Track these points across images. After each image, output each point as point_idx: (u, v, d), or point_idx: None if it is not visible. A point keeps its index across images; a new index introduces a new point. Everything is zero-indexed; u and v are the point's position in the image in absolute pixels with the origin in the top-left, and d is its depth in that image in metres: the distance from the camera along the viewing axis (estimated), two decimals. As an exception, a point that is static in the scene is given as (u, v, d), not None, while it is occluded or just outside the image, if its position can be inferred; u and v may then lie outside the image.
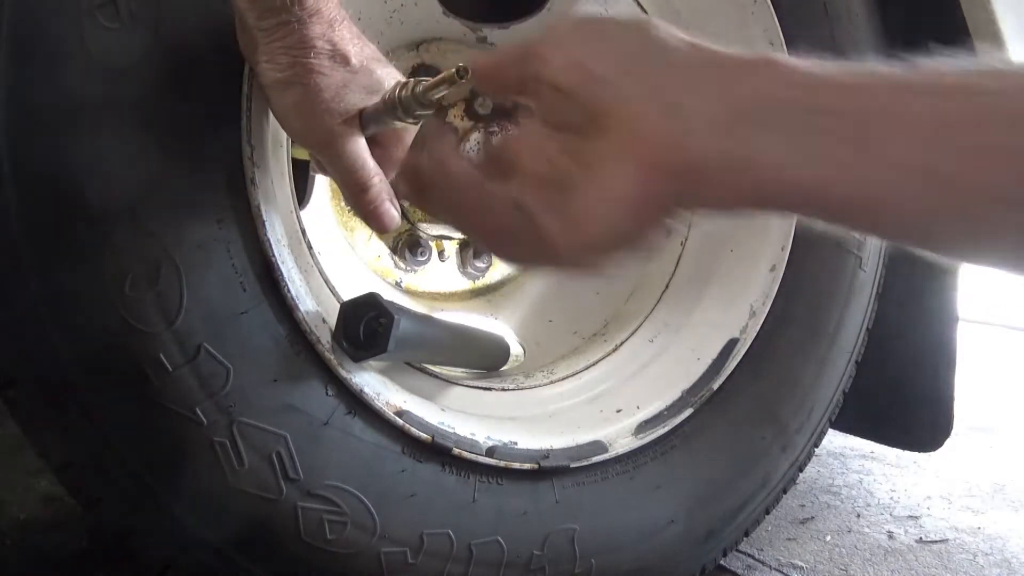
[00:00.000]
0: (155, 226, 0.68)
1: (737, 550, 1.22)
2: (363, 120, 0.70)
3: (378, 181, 0.72)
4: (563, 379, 1.11)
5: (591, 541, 0.93)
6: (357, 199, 0.73)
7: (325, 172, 0.79)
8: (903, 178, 0.38)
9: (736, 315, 1.09)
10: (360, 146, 0.71)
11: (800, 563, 1.28)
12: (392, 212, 0.74)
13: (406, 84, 0.67)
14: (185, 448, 0.71)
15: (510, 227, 0.47)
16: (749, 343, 1.07)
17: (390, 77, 0.71)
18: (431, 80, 0.63)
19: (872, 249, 1.14)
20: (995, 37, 1.07)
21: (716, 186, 0.43)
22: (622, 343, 1.15)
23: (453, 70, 0.58)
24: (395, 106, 0.67)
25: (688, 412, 1.02)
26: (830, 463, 1.83)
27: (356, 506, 0.78)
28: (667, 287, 1.18)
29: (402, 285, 1.12)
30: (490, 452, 0.87)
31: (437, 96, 0.66)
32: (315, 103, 0.67)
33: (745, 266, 1.11)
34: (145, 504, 0.72)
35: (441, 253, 1.16)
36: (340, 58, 0.67)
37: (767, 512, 1.12)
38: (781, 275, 1.08)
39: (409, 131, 0.76)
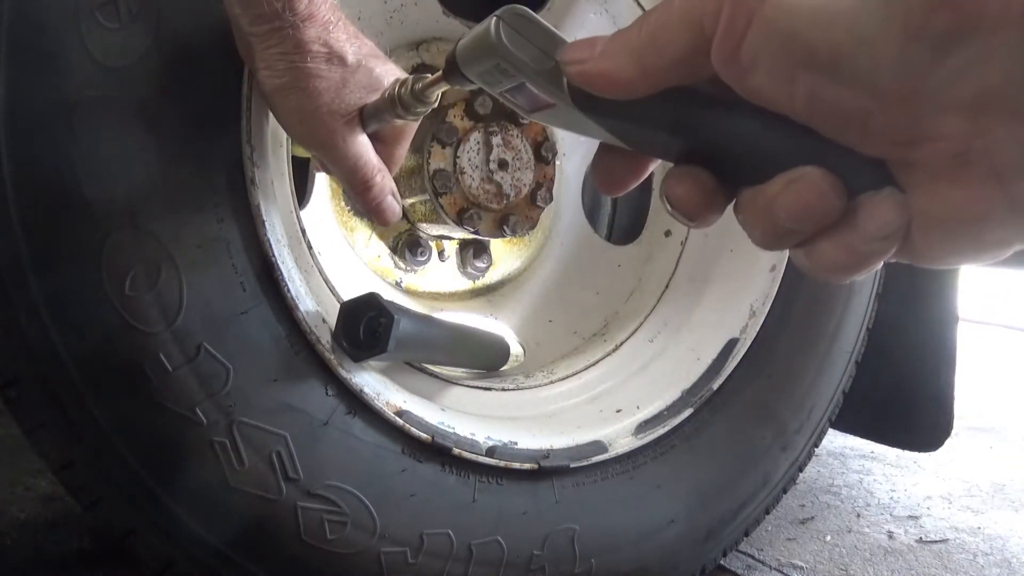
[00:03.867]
0: (155, 226, 0.68)
1: (737, 550, 1.22)
2: (364, 117, 0.70)
3: (380, 179, 0.73)
4: (563, 379, 1.11)
5: (591, 541, 0.93)
6: (361, 196, 0.74)
7: (329, 171, 0.79)
8: None
9: (736, 315, 1.09)
10: (362, 144, 0.71)
11: (800, 563, 1.28)
12: (395, 207, 0.76)
13: (405, 82, 0.67)
14: (185, 448, 0.71)
15: None
16: (749, 343, 1.07)
17: (389, 74, 0.71)
18: (430, 77, 0.63)
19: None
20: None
21: None
22: (622, 343, 1.15)
23: None
24: (395, 103, 0.67)
25: (688, 412, 1.02)
26: (830, 463, 1.83)
27: (356, 506, 0.78)
28: (667, 287, 1.19)
29: (402, 285, 1.12)
30: (490, 452, 0.87)
31: (436, 93, 0.66)
32: (315, 106, 0.67)
33: (745, 266, 1.11)
34: (145, 504, 0.72)
35: (441, 253, 1.16)
36: (337, 59, 0.67)
37: (767, 512, 1.12)
38: (781, 275, 1.08)
39: (410, 127, 0.76)
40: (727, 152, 0.40)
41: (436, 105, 0.69)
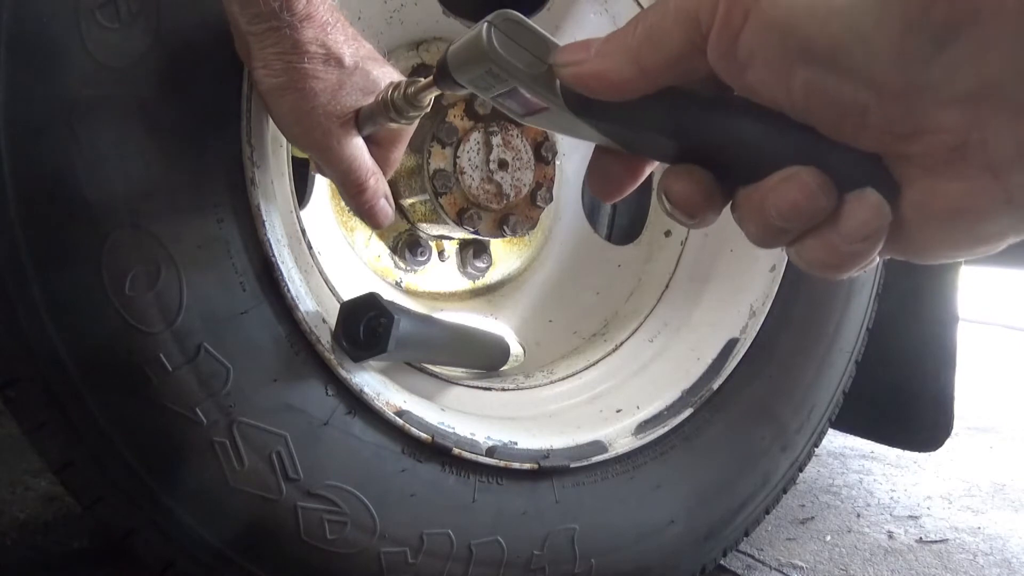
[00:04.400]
0: (155, 226, 0.68)
1: (737, 550, 1.22)
2: (359, 120, 0.70)
3: (374, 182, 0.73)
4: (563, 379, 1.11)
5: (591, 541, 0.93)
6: (354, 199, 0.74)
7: (323, 172, 0.79)
8: None
9: (736, 315, 1.09)
10: (357, 147, 0.71)
11: (800, 563, 1.28)
12: (387, 210, 0.77)
13: (398, 86, 0.67)
14: (185, 448, 0.71)
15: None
16: (749, 343, 1.07)
17: (387, 76, 0.71)
18: (422, 82, 0.63)
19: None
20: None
21: None
22: (622, 343, 1.15)
23: None
24: (387, 107, 0.67)
25: (688, 412, 1.02)
26: (830, 463, 1.83)
27: (356, 506, 0.78)
28: (667, 287, 1.19)
29: (402, 285, 1.12)
30: (490, 452, 0.87)
31: (429, 98, 0.66)
32: (311, 107, 0.67)
33: (745, 266, 1.11)
34: (145, 504, 0.72)
35: (441, 253, 1.16)
36: (334, 61, 0.67)
37: (767, 512, 1.12)
38: (781, 275, 1.08)
39: (406, 130, 0.76)
40: (723, 152, 0.40)
41: (428, 110, 0.69)
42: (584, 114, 0.41)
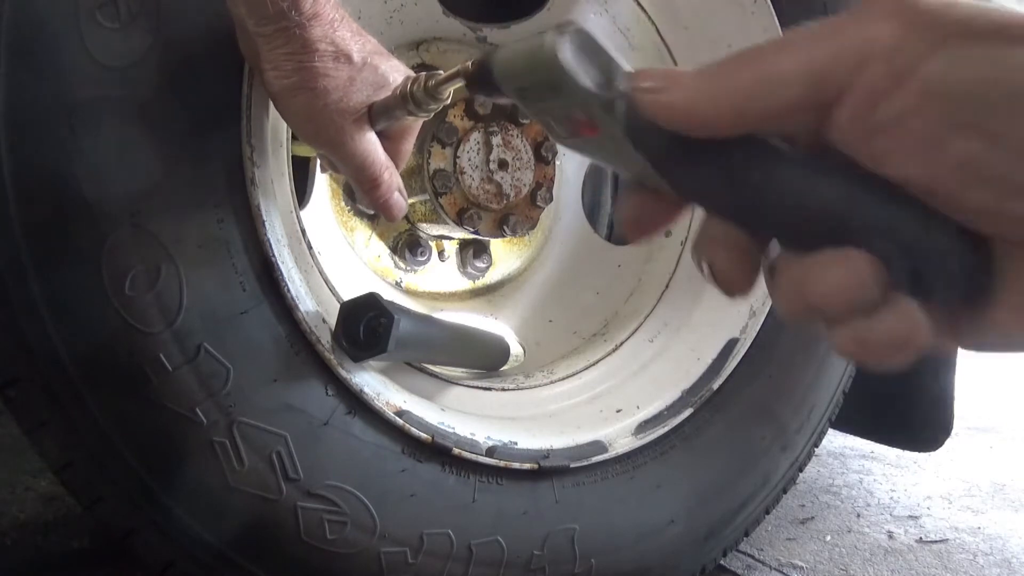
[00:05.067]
0: (155, 226, 0.68)
1: (737, 550, 1.22)
2: (373, 115, 0.70)
3: (388, 176, 0.74)
4: (563, 379, 1.11)
5: (591, 541, 0.93)
6: (368, 193, 0.74)
7: (336, 170, 0.79)
8: None
9: (736, 315, 1.09)
10: (370, 142, 0.71)
11: (800, 563, 1.28)
12: (401, 203, 0.77)
13: (417, 79, 0.67)
14: (185, 448, 0.71)
15: None
16: (749, 343, 1.07)
17: (394, 70, 0.71)
18: (444, 74, 0.63)
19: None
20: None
21: None
22: (622, 343, 1.15)
23: (469, 63, 0.58)
24: (407, 100, 0.67)
25: (688, 412, 1.02)
26: (830, 463, 1.83)
27: (356, 506, 0.78)
28: (667, 287, 1.19)
29: (402, 285, 1.12)
30: (490, 452, 0.87)
31: (449, 91, 0.66)
32: (323, 105, 0.67)
33: (745, 266, 1.11)
34: (145, 504, 0.72)
35: (441, 253, 1.16)
36: (343, 57, 0.67)
37: (767, 512, 1.12)
38: (781, 275, 1.08)
39: (417, 123, 0.77)
40: (788, 215, 0.35)
41: (448, 102, 0.69)
42: (644, 147, 0.36)
